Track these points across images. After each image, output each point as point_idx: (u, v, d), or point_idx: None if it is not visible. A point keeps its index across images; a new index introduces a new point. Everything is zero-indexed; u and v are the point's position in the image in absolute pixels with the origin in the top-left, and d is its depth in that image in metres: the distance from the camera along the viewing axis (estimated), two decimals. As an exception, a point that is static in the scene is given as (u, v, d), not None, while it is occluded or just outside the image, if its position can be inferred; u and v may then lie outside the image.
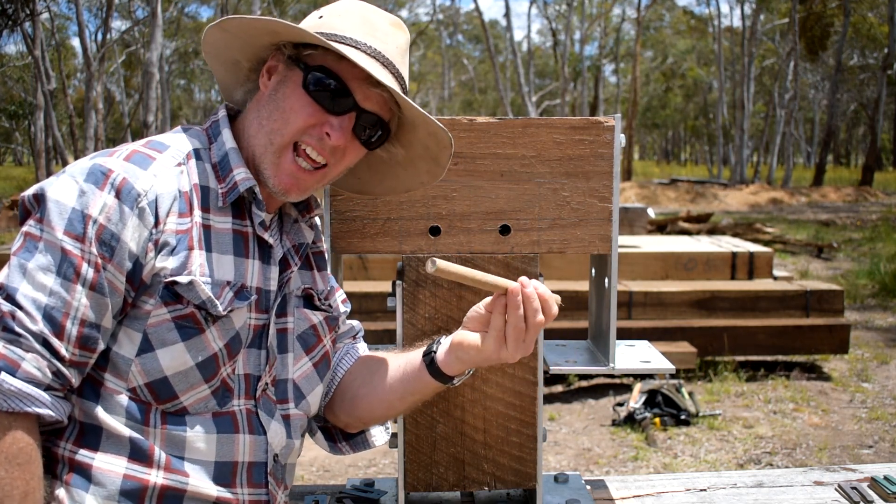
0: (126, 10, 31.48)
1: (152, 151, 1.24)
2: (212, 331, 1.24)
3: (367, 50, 1.28)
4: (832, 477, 1.88)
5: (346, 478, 2.83)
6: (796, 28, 29.90)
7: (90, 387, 1.22)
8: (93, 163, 1.19)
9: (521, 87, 32.92)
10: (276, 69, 1.31)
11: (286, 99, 1.27)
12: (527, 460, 1.68)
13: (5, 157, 52.22)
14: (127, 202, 1.17)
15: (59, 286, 1.13)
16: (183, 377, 1.23)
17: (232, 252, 1.28)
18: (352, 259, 6.48)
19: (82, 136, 18.65)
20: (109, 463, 1.21)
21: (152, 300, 1.20)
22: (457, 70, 59.95)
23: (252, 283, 1.30)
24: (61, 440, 1.22)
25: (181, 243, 1.21)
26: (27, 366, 1.11)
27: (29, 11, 16.66)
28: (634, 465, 4.62)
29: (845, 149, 62.60)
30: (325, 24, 1.30)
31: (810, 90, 42.50)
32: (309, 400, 1.43)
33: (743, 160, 34.21)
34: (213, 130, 1.34)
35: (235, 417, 1.30)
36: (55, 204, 1.15)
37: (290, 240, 1.41)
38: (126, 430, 1.22)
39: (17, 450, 1.11)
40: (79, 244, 1.14)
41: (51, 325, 1.13)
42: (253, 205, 1.30)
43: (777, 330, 6.27)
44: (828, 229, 17.31)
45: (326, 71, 1.26)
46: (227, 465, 1.29)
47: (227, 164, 1.29)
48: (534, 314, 1.27)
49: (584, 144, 1.63)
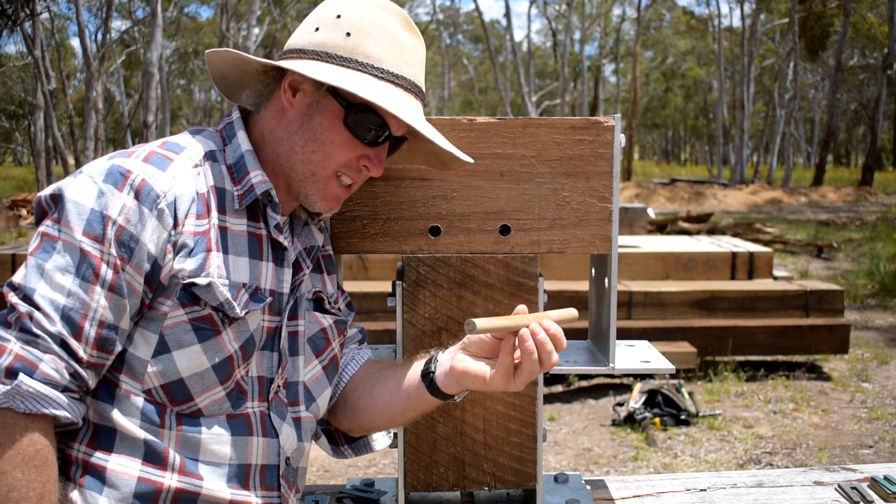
0: (126, 10, 31.48)
1: (169, 153, 1.24)
2: (227, 333, 1.24)
3: (405, 84, 1.30)
4: (832, 477, 1.88)
5: (346, 478, 2.82)
6: (796, 28, 29.89)
7: (105, 388, 1.22)
8: (111, 163, 1.19)
9: (521, 87, 32.89)
10: (301, 87, 1.29)
11: (325, 132, 1.28)
12: (527, 460, 1.68)
13: (5, 157, 52.21)
14: (146, 203, 1.16)
15: (78, 287, 1.13)
16: (199, 379, 1.23)
17: (247, 254, 1.28)
18: (352, 259, 6.48)
19: (82, 136, 18.64)
20: (123, 465, 1.21)
21: (169, 302, 1.20)
22: (457, 70, 59.95)
23: (266, 286, 1.30)
24: (75, 442, 1.22)
25: (199, 245, 1.21)
26: (45, 367, 1.11)
27: (29, 11, 16.65)
28: (634, 465, 4.62)
29: (845, 149, 62.59)
30: (355, 46, 1.27)
31: (810, 90, 42.51)
32: (318, 402, 1.43)
33: (743, 160, 34.21)
34: (228, 132, 1.34)
35: (249, 420, 1.30)
36: (73, 204, 1.15)
37: (301, 242, 1.41)
38: (141, 432, 1.21)
39: (34, 451, 1.11)
40: (98, 245, 1.14)
41: (69, 327, 1.13)
42: (268, 207, 1.30)
43: (777, 330, 6.27)
44: (828, 229, 17.31)
45: (367, 109, 1.27)
46: (240, 467, 1.29)
47: (244, 166, 1.29)
48: (548, 356, 1.25)
49: (584, 144, 1.63)
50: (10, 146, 40.71)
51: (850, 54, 35.42)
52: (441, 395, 1.35)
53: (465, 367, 1.30)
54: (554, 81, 46.80)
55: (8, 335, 1.11)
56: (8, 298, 1.13)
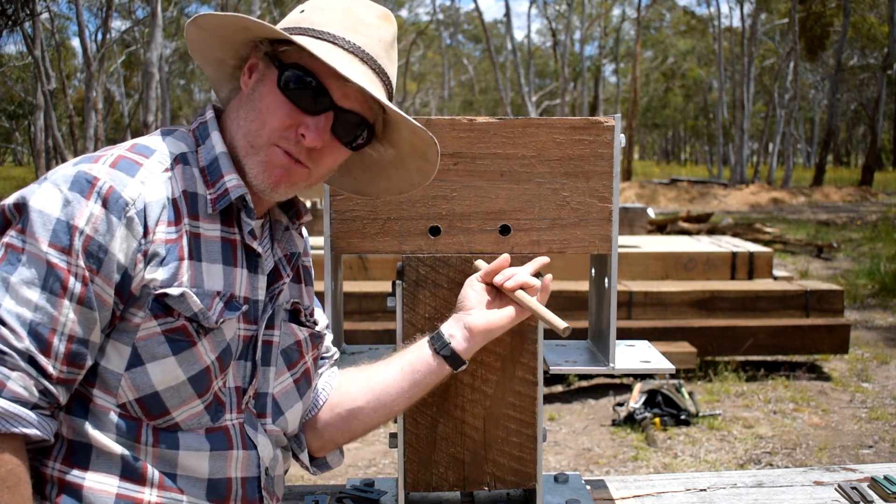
0: (126, 10, 31.50)
1: (138, 157, 1.19)
2: (203, 343, 1.20)
3: (345, 45, 1.22)
4: (832, 477, 1.88)
5: (346, 478, 2.83)
6: (796, 28, 29.89)
7: (79, 403, 1.17)
8: (77, 170, 1.13)
9: (521, 87, 32.90)
10: (257, 67, 1.26)
11: (262, 99, 1.22)
12: (527, 460, 1.68)
13: (5, 157, 52.19)
14: (114, 212, 1.11)
15: (45, 301, 1.08)
16: (174, 392, 1.18)
17: (221, 261, 1.23)
18: (352, 259, 6.48)
19: (82, 136, 18.64)
20: (101, 482, 1.16)
21: (141, 313, 1.15)
22: (457, 70, 59.94)
23: (241, 293, 1.26)
24: (49, 459, 1.17)
25: (171, 253, 1.16)
26: (13, 385, 1.06)
27: (29, 11, 16.66)
28: (634, 465, 4.62)
29: (845, 149, 62.60)
30: (304, 18, 1.24)
31: (810, 90, 42.53)
32: (287, 417, 1.38)
33: (743, 160, 34.21)
34: (201, 132, 1.28)
35: (229, 433, 1.26)
36: (38, 214, 1.09)
37: (281, 248, 1.37)
38: (117, 448, 1.17)
39: (6, 472, 1.06)
40: (65, 256, 1.09)
41: (37, 342, 1.08)
42: (242, 213, 1.25)
43: (777, 330, 6.27)
44: (828, 229, 17.31)
45: (301, 68, 1.20)
46: (220, 481, 1.25)
47: (217, 169, 1.23)
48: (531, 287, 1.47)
49: (584, 144, 1.63)
50: (10, 146, 40.73)
51: (850, 54, 35.44)
52: (460, 362, 1.46)
53: (486, 322, 1.44)
54: (554, 81, 46.80)
55: None
56: None
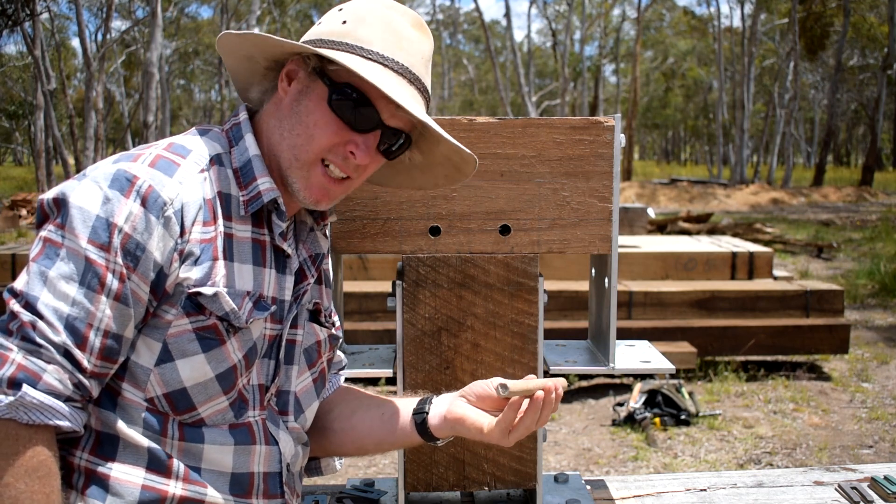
0: (126, 10, 31.48)
1: (176, 156, 1.21)
2: (232, 342, 1.22)
3: (394, 66, 1.24)
4: (832, 477, 1.88)
5: (346, 478, 2.83)
6: (796, 28, 29.89)
7: (107, 396, 1.19)
8: (117, 168, 1.15)
9: (521, 87, 32.90)
10: (297, 75, 1.27)
11: (310, 114, 1.24)
12: (527, 460, 1.68)
13: (5, 157, 52.24)
14: (153, 211, 1.13)
15: (83, 296, 1.10)
16: (202, 389, 1.21)
17: (251, 261, 1.25)
18: (352, 259, 6.48)
19: (82, 136, 18.64)
20: (127, 473, 1.19)
21: (174, 310, 1.18)
22: (457, 70, 59.96)
23: (269, 293, 1.28)
24: (77, 449, 1.19)
25: (205, 253, 1.19)
26: (48, 378, 1.09)
27: (29, 11, 16.67)
28: (634, 465, 4.62)
29: (845, 149, 62.62)
30: (349, 32, 1.25)
31: (810, 90, 42.52)
32: (306, 415, 1.41)
33: (743, 160, 34.21)
34: (235, 133, 1.30)
35: (252, 429, 1.29)
36: (78, 210, 1.11)
37: (306, 249, 1.39)
38: (144, 440, 1.19)
39: (38, 462, 1.09)
40: (104, 253, 1.11)
41: (73, 337, 1.10)
42: (274, 215, 1.27)
43: (777, 330, 6.27)
44: (828, 229, 17.31)
45: (352, 87, 1.22)
46: (243, 476, 1.27)
47: (251, 171, 1.25)
48: (548, 415, 1.28)
49: (584, 144, 1.63)
50: (10, 146, 40.75)
51: (850, 54, 35.44)
52: (428, 436, 1.37)
53: (462, 413, 1.32)
54: (554, 81, 46.81)
55: (10, 344, 1.08)
56: (9, 305, 1.10)
